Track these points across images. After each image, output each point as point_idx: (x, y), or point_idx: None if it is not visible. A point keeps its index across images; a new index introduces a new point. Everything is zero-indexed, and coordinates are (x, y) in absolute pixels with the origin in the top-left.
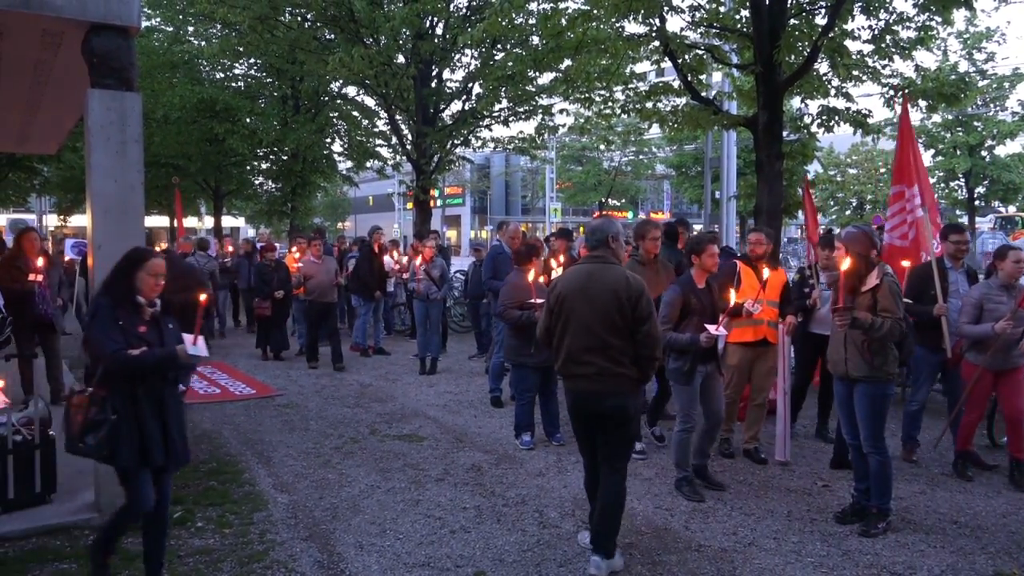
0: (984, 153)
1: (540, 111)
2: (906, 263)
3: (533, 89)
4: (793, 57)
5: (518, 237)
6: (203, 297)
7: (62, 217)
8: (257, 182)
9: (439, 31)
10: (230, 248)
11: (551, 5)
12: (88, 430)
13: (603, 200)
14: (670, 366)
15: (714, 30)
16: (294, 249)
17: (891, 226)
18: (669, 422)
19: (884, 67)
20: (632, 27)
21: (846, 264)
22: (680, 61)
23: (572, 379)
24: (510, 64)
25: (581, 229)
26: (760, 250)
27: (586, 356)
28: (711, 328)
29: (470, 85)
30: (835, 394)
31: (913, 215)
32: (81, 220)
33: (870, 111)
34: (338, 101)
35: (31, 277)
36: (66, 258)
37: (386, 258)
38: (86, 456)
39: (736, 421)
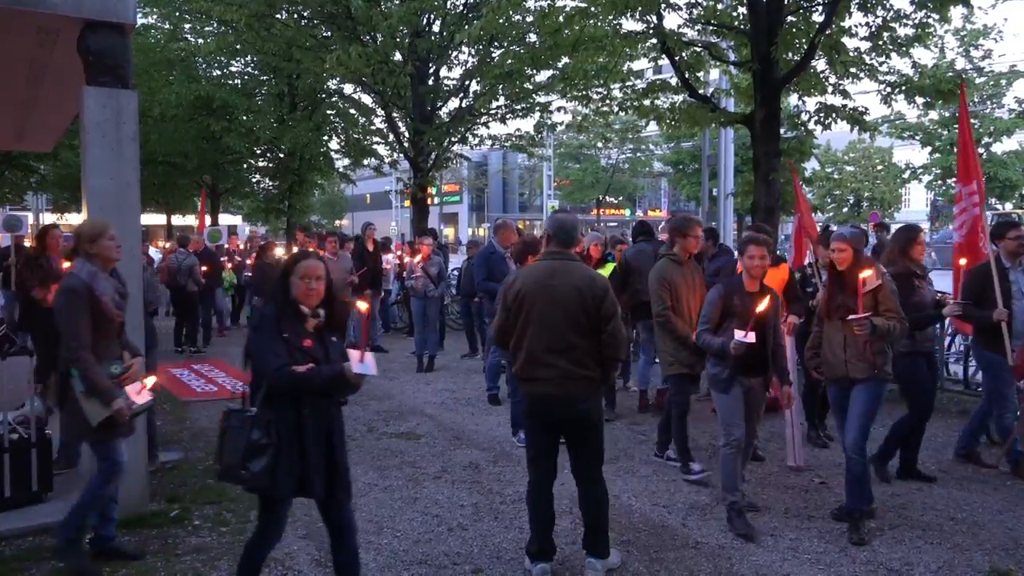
0: (981, 150)
1: (538, 108)
2: (962, 261)
3: (531, 87)
4: (790, 54)
5: (512, 234)
6: (364, 306)
7: (59, 215)
8: (254, 180)
9: (436, 29)
10: (239, 245)
11: (548, 3)
12: (251, 456)
13: (600, 198)
14: (709, 371)
15: (711, 27)
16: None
17: (958, 224)
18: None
19: (881, 64)
20: (629, 24)
21: (868, 273)
22: (677, 58)
23: (532, 383)
24: (508, 62)
25: (589, 229)
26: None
27: (548, 358)
28: (738, 334)
29: (467, 83)
30: (831, 399)
31: (970, 213)
32: (77, 218)
33: (867, 108)
34: (335, 99)
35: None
36: None
37: (388, 256)
38: (242, 484)
39: None
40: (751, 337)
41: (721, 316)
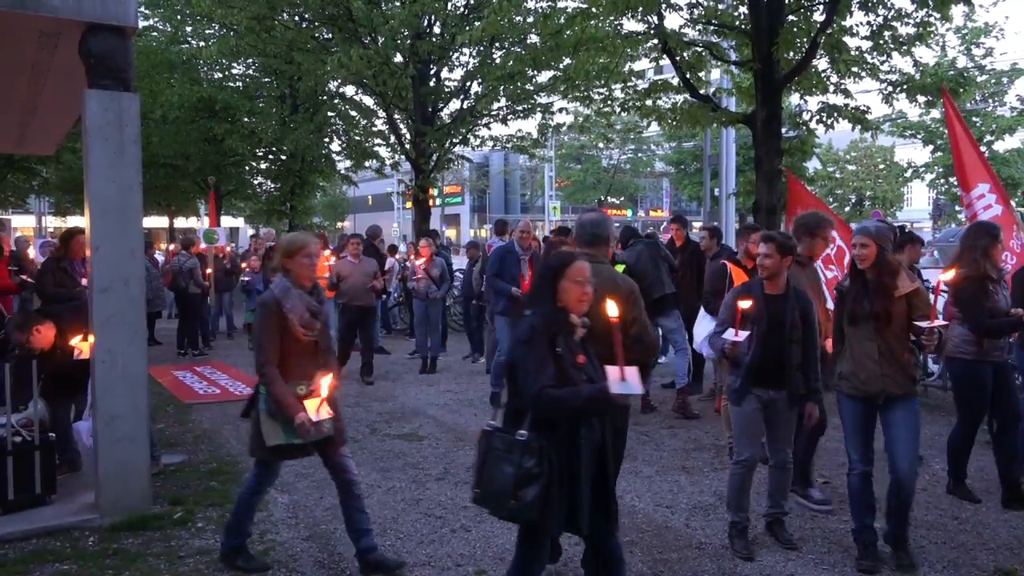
0: (983, 148)
1: (539, 109)
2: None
3: (532, 88)
4: (791, 54)
5: (530, 234)
6: (614, 314)
7: (62, 218)
8: (256, 182)
9: (437, 30)
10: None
11: (549, 4)
12: (522, 485)
13: (602, 198)
14: (728, 380)
15: (712, 27)
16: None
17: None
18: (655, 416)
19: (883, 63)
20: (630, 25)
21: (904, 283)
22: (678, 59)
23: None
24: (510, 64)
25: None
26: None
27: None
28: (729, 333)
29: (468, 84)
30: (851, 415)
31: (989, 214)
32: (80, 221)
33: (868, 107)
34: (336, 101)
35: (84, 283)
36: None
37: (390, 259)
38: (505, 513)
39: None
40: (740, 336)
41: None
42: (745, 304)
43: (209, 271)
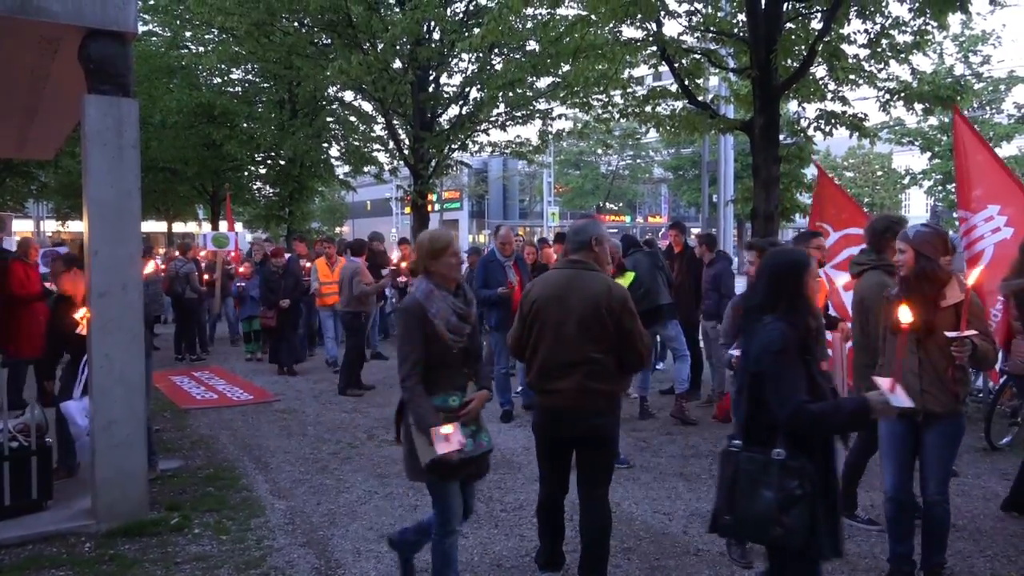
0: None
1: (538, 115)
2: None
3: (531, 94)
4: (789, 61)
5: (510, 243)
6: (907, 320)
7: (61, 223)
8: (255, 187)
9: (436, 36)
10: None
11: (548, 11)
12: (787, 508)
13: (600, 204)
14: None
15: (711, 34)
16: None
17: (978, 250)
18: (653, 423)
19: (880, 71)
20: (629, 31)
21: (954, 293)
22: (677, 65)
23: (545, 395)
24: (511, 71)
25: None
26: (819, 256)
27: (562, 371)
28: (735, 349)
29: (467, 90)
30: (888, 435)
31: (987, 240)
32: (78, 226)
33: (866, 115)
34: (335, 106)
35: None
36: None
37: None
38: (771, 541)
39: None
40: (734, 350)
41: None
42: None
43: (213, 276)
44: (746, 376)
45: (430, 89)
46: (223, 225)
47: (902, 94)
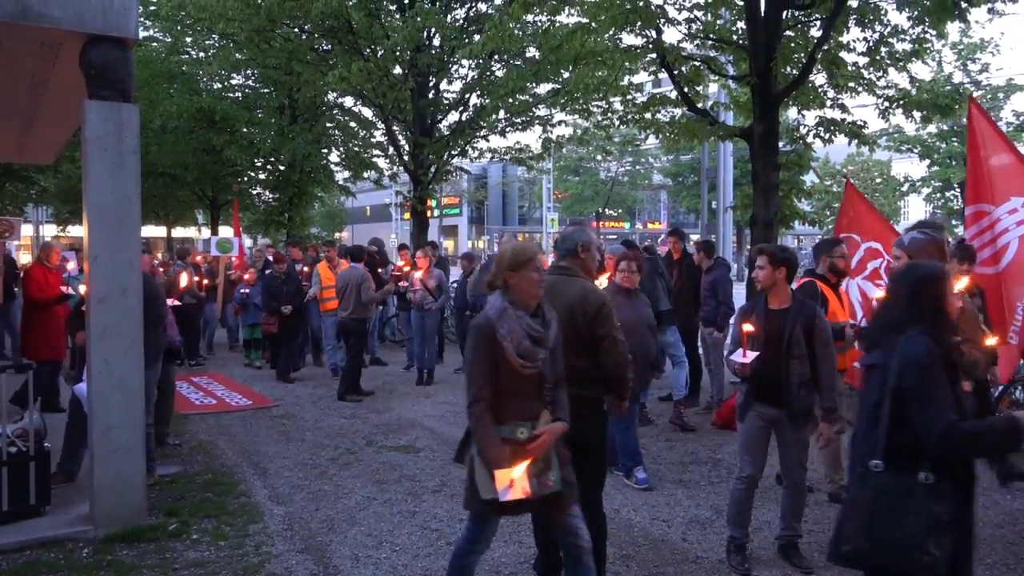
0: None
1: (538, 121)
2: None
3: (531, 100)
4: (789, 69)
5: None
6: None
7: (61, 228)
8: (254, 192)
9: (436, 43)
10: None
11: (549, 19)
12: (935, 534)
13: (600, 210)
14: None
15: (710, 42)
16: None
17: (998, 248)
18: (651, 429)
19: (879, 79)
20: (629, 39)
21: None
22: (677, 73)
23: None
24: (513, 79)
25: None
26: (843, 264)
27: None
28: (736, 355)
29: (467, 96)
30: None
31: (1012, 232)
32: (78, 231)
33: (865, 122)
34: (335, 112)
35: (171, 301)
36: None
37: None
38: (913, 570)
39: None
40: (748, 357)
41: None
42: (748, 328)
43: (214, 281)
44: (886, 391)
45: (430, 95)
46: (225, 231)
47: (901, 102)
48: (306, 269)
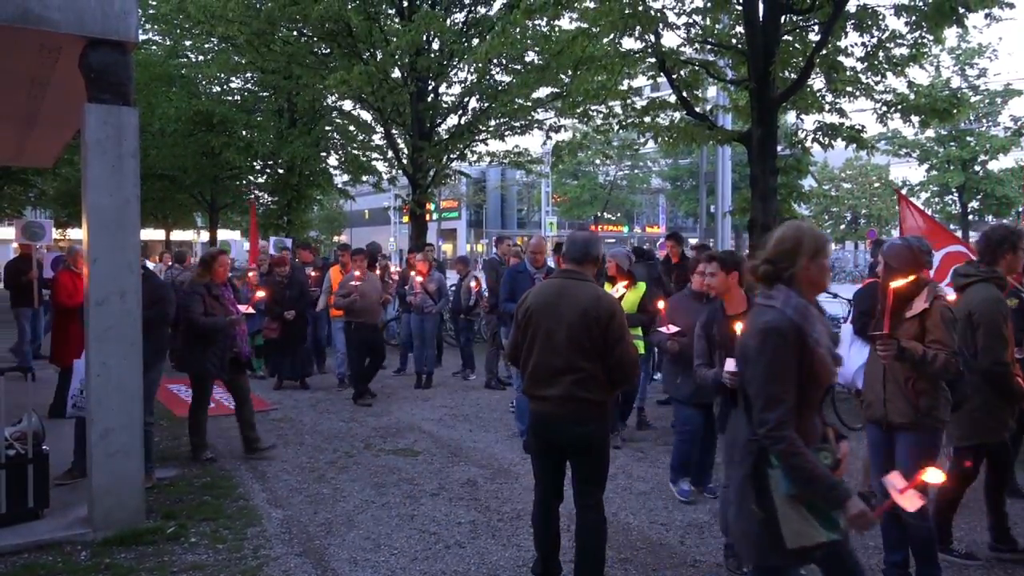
0: (977, 168)
1: (536, 125)
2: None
3: (529, 104)
4: (787, 73)
5: (543, 252)
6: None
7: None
8: (253, 195)
9: (436, 46)
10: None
11: (548, 25)
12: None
13: (598, 214)
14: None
15: (709, 46)
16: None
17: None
18: (650, 433)
19: (877, 83)
20: (628, 43)
21: (918, 304)
22: (675, 77)
23: (536, 401)
24: (513, 87)
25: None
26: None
27: (552, 378)
28: (729, 363)
29: (466, 100)
30: (868, 440)
31: None
32: (77, 234)
33: (864, 126)
34: (334, 115)
35: (242, 308)
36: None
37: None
38: None
39: None
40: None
41: (711, 349)
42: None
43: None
44: None
45: (429, 99)
46: (223, 234)
47: (899, 106)
48: (314, 273)
